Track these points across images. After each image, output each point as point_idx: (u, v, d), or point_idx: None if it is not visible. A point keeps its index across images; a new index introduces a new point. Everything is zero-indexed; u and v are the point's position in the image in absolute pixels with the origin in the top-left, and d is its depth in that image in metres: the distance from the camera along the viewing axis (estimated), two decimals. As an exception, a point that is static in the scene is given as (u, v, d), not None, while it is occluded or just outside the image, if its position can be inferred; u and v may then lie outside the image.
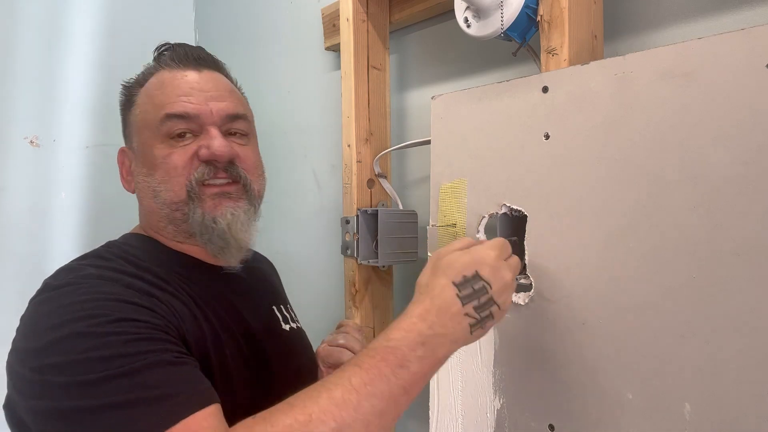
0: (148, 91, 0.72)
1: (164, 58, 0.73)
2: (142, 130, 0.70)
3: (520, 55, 0.74)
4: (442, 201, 0.73)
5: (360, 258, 0.92)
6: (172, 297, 0.63)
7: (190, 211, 0.68)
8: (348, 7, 0.93)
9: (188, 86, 0.70)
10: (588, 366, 0.59)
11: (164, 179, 0.68)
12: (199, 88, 0.70)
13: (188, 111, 0.68)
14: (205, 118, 0.69)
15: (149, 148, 0.69)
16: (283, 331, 0.78)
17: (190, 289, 0.67)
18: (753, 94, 0.48)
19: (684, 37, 0.67)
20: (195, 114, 0.68)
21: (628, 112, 0.56)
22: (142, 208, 0.74)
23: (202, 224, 0.68)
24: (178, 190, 0.68)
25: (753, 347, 0.48)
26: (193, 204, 0.68)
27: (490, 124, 0.67)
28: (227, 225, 0.68)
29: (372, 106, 0.96)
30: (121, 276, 0.61)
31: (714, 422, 0.50)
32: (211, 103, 0.70)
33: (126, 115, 0.74)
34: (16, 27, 1.35)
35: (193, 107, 0.68)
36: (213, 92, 0.71)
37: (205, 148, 0.68)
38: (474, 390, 0.69)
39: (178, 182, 0.68)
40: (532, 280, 0.63)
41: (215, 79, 0.73)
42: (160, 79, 0.72)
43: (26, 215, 1.36)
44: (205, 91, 0.70)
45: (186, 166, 0.68)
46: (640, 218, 0.55)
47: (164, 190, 0.68)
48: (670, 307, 0.53)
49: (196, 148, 0.68)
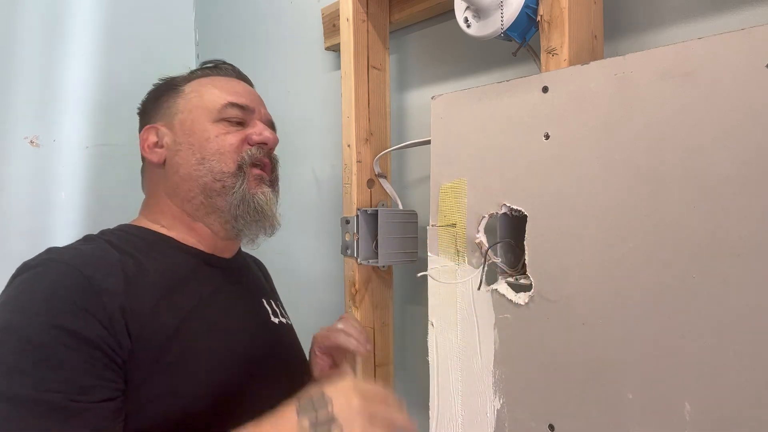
0: (204, 83, 0.80)
1: (213, 67, 0.84)
2: (195, 110, 0.78)
3: (520, 55, 0.74)
4: (442, 201, 0.73)
5: (360, 258, 0.92)
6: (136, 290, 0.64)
7: (236, 185, 0.76)
8: (348, 7, 0.93)
9: (243, 88, 0.82)
10: (588, 366, 0.59)
11: (218, 152, 0.75)
12: (251, 93, 0.83)
13: (248, 104, 0.79)
14: (257, 115, 0.81)
15: (202, 125, 0.77)
16: (272, 324, 0.82)
17: (170, 278, 0.70)
18: (753, 94, 0.48)
19: (684, 37, 0.67)
20: (251, 109, 0.80)
21: (628, 112, 0.56)
22: (167, 182, 0.78)
23: (243, 199, 0.76)
24: (231, 163, 0.76)
25: (753, 347, 0.48)
26: (239, 179, 0.76)
27: (490, 124, 0.67)
28: (265, 202, 0.78)
29: (372, 106, 0.96)
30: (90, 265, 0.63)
31: (714, 422, 0.50)
32: (260, 107, 0.83)
33: (165, 100, 0.80)
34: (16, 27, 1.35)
35: (250, 102, 0.80)
36: (260, 101, 0.84)
37: (256, 134, 0.78)
38: (474, 390, 0.69)
39: (231, 157, 0.76)
40: (532, 280, 0.63)
41: (258, 94, 0.86)
42: (214, 79, 0.82)
43: (26, 215, 1.36)
44: (255, 97, 0.83)
45: (239, 146, 0.77)
46: (640, 218, 0.55)
47: (216, 160, 0.75)
48: (671, 307, 0.53)
49: (246, 136, 0.78)
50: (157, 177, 0.79)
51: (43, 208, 1.38)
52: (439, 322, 0.74)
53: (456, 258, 0.72)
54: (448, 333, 0.73)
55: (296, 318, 0.95)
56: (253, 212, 0.77)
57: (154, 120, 0.81)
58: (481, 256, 0.69)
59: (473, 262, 0.70)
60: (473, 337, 0.70)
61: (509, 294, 0.66)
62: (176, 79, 0.83)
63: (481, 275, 0.69)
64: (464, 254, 0.71)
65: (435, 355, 0.74)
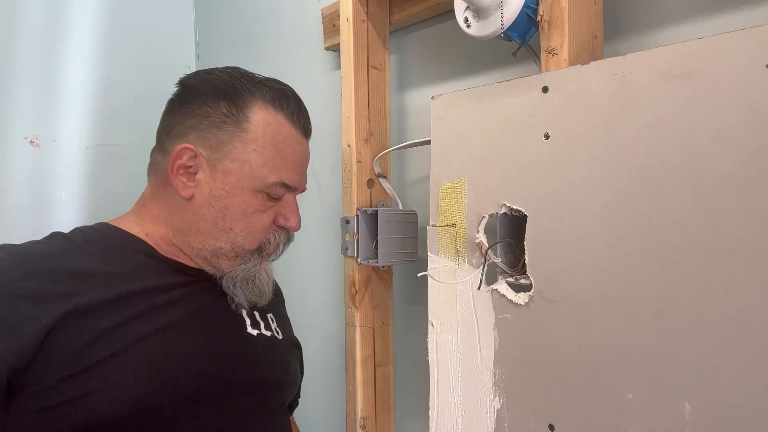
0: (267, 131, 0.72)
1: (286, 105, 0.75)
2: (246, 168, 0.71)
3: (520, 55, 0.74)
4: (442, 201, 0.73)
5: (360, 258, 0.92)
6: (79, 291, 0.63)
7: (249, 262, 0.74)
8: (348, 7, 0.93)
9: (303, 156, 0.77)
10: (588, 366, 0.59)
11: (247, 229, 0.73)
12: (306, 161, 0.78)
13: (297, 185, 0.76)
14: (297, 195, 0.79)
15: (245, 190, 0.72)
16: (246, 335, 0.77)
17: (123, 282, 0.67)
18: (753, 94, 0.48)
19: (684, 37, 0.66)
20: (296, 189, 0.77)
21: (628, 112, 0.56)
22: (182, 218, 0.73)
23: (250, 272, 0.75)
24: (255, 242, 0.74)
25: (753, 347, 0.48)
26: (254, 259, 0.75)
27: (490, 124, 0.67)
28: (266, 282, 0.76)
29: (372, 106, 0.96)
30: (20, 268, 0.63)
31: (714, 422, 0.50)
32: (305, 178, 0.79)
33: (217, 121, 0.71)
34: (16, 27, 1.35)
35: (300, 181, 0.77)
36: (307, 166, 0.79)
37: (284, 219, 0.76)
38: (474, 390, 0.69)
39: (257, 237, 0.74)
40: (532, 280, 0.63)
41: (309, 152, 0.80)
42: (283, 127, 0.74)
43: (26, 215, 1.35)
44: (306, 165, 0.79)
45: (268, 227, 0.75)
46: (640, 218, 0.55)
47: (242, 237, 0.73)
48: (670, 307, 0.53)
49: (276, 214, 0.76)
50: (171, 201, 0.74)
51: (43, 207, 1.38)
52: (439, 322, 0.74)
53: (456, 258, 0.72)
54: (448, 333, 0.73)
55: (296, 318, 0.95)
56: (252, 289, 0.75)
57: (197, 141, 0.71)
58: (481, 256, 0.69)
59: (473, 262, 0.70)
60: (473, 337, 0.70)
61: (509, 294, 0.66)
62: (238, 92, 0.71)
63: (481, 275, 0.69)
64: (464, 254, 0.71)
65: (435, 355, 0.74)
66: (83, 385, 0.60)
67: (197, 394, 0.67)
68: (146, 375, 0.64)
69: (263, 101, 0.73)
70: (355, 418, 0.93)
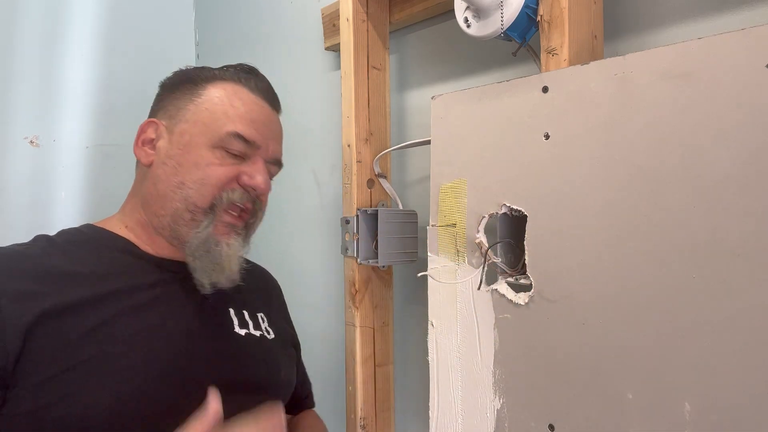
0: (224, 94, 0.73)
1: (247, 79, 0.76)
2: (199, 125, 0.72)
3: (520, 55, 0.74)
4: (442, 201, 0.73)
5: (360, 258, 0.92)
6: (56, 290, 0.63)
7: (201, 225, 0.70)
8: (348, 7, 0.93)
9: (263, 116, 0.75)
10: (588, 366, 0.59)
11: (201, 181, 0.70)
12: (269, 124, 0.76)
13: (255, 139, 0.72)
14: (261, 151, 0.74)
15: (198, 145, 0.71)
16: (234, 335, 0.75)
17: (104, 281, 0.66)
18: (753, 94, 0.48)
19: (684, 37, 0.66)
20: (257, 144, 0.73)
21: (628, 112, 0.56)
22: (144, 188, 0.74)
23: (204, 241, 0.70)
24: (207, 198, 0.70)
25: (753, 347, 0.48)
26: (207, 219, 0.70)
27: (490, 124, 0.67)
28: (227, 255, 0.71)
29: (372, 106, 0.95)
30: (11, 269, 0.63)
31: (714, 422, 0.50)
32: (270, 141, 0.75)
33: (179, 97, 0.74)
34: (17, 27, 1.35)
35: (259, 139, 0.73)
36: (274, 134, 0.77)
37: (248, 177, 0.72)
38: (474, 390, 0.69)
39: (210, 191, 0.70)
40: (532, 280, 0.63)
41: (278, 123, 0.79)
42: (239, 92, 0.74)
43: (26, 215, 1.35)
44: (271, 129, 0.76)
45: (225, 182, 0.71)
46: (640, 218, 0.55)
47: (194, 190, 0.70)
48: (670, 307, 0.53)
49: (239, 172, 0.72)
50: (140, 177, 0.76)
51: (43, 207, 1.38)
52: (439, 322, 0.74)
53: (456, 258, 0.72)
54: (448, 333, 0.73)
55: (296, 318, 0.95)
56: (209, 261, 0.71)
57: (160, 115, 0.75)
58: (481, 256, 0.69)
59: (473, 262, 0.70)
60: (473, 337, 0.70)
61: (509, 294, 0.66)
62: (201, 74, 0.76)
63: (481, 275, 0.69)
64: (464, 254, 0.71)
65: (435, 355, 0.74)
66: (61, 388, 0.59)
67: (180, 397, 0.65)
68: (125, 378, 0.62)
69: (224, 78, 0.76)
70: (355, 418, 0.93)
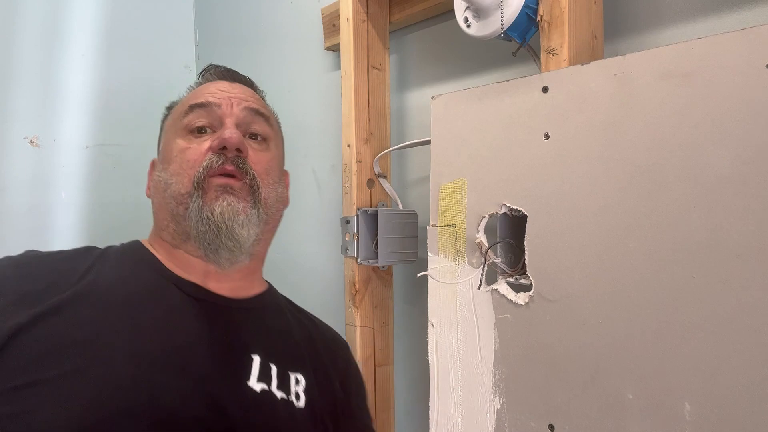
0: (186, 97, 0.75)
1: (201, 75, 0.78)
2: (168, 130, 0.73)
3: (520, 55, 0.74)
4: (442, 201, 0.73)
5: (360, 258, 0.92)
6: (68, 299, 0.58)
7: (192, 202, 0.64)
8: (348, 7, 0.93)
9: (215, 87, 0.72)
10: (588, 366, 0.59)
11: (177, 171, 0.67)
12: (228, 92, 0.72)
13: (210, 101, 0.69)
14: (225, 108, 0.69)
15: (169, 143, 0.70)
16: (246, 388, 0.61)
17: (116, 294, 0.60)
18: (753, 94, 0.48)
19: (684, 37, 0.66)
20: (215, 103, 0.69)
21: (628, 112, 0.56)
22: (153, 210, 0.73)
23: (199, 216, 0.63)
24: (187, 182, 0.66)
25: (753, 347, 0.48)
26: (196, 194, 0.64)
27: (490, 124, 0.67)
28: (221, 214, 0.63)
29: (372, 106, 0.96)
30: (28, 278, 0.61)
31: (714, 422, 0.50)
32: (234, 99, 0.71)
33: (161, 127, 0.77)
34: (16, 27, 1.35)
35: (215, 98, 0.70)
36: (238, 94, 0.73)
37: (216, 138, 0.67)
38: (474, 390, 0.69)
39: (188, 175, 0.66)
40: (532, 280, 0.63)
41: (245, 89, 0.75)
42: (197, 89, 0.75)
43: (26, 215, 1.36)
44: (231, 90, 0.73)
45: (198, 158, 0.66)
46: (640, 218, 0.55)
47: (174, 183, 0.67)
48: (670, 307, 0.53)
49: (210, 140, 0.68)
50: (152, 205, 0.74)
51: (43, 208, 1.38)
52: (439, 322, 0.74)
53: (456, 258, 0.72)
54: (448, 333, 0.73)
55: (296, 318, 0.95)
56: (208, 229, 0.63)
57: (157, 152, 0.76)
58: (481, 256, 0.69)
59: (473, 262, 0.70)
60: (473, 337, 0.70)
61: (509, 294, 0.66)
62: (172, 105, 0.78)
63: (481, 275, 0.69)
64: (464, 254, 0.71)
65: (435, 355, 0.74)
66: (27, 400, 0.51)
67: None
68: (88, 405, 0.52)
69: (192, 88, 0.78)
70: (355, 418, 0.93)
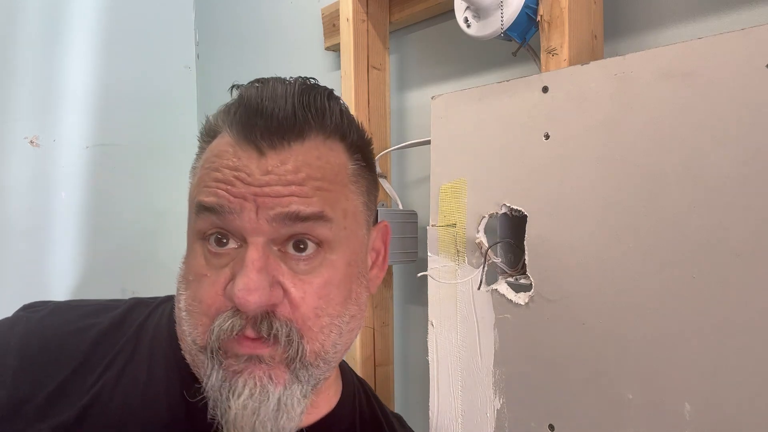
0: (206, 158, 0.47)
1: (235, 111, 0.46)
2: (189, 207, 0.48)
3: (520, 55, 0.74)
4: (442, 201, 0.73)
5: (360, 258, 0.91)
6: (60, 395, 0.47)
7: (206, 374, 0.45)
8: (348, 7, 0.93)
9: (233, 174, 0.43)
10: (588, 366, 0.59)
11: (189, 309, 0.46)
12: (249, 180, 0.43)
13: (222, 205, 0.43)
14: (246, 221, 0.42)
15: (189, 245, 0.48)
16: None
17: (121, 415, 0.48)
18: (753, 94, 0.48)
19: (684, 37, 0.66)
20: (230, 210, 0.42)
21: (628, 112, 0.56)
22: None
23: (219, 393, 0.44)
24: (201, 333, 0.45)
25: (753, 347, 0.48)
26: (211, 365, 0.44)
27: (490, 124, 0.67)
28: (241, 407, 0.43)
29: (372, 106, 0.95)
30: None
31: (714, 422, 0.50)
32: (259, 199, 0.42)
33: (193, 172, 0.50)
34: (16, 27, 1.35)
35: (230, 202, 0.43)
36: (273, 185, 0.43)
37: (231, 283, 0.43)
38: (474, 390, 0.69)
39: (202, 323, 0.45)
40: (532, 280, 0.63)
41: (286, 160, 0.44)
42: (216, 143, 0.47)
43: (26, 215, 1.36)
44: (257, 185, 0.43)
45: (213, 304, 0.44)
46: (640, 218, 0.55)
47: (188, 325, 0.46)
48: (670, 307, 0.53)
49: (231, 275, 0.43)
50: None
51: (43, 208, 1.38)
52: (439, 322, 0.74)
53: (456, 258, 0.72)
54: (448, 333, 0.73)
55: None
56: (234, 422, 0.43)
57: None
58: (481, 256, 0.69)
59: (473, 262, 0.70)
60: (473, 337, 0.70)
61: (509, 294, 0.66)
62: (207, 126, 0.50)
63: (481, 275, 0.69)
64: (464, 254, 0.71)
65: (435, 355, 0.74)
66: None
67: None
68: None
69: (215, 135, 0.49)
70: (355, 418, 0.93)
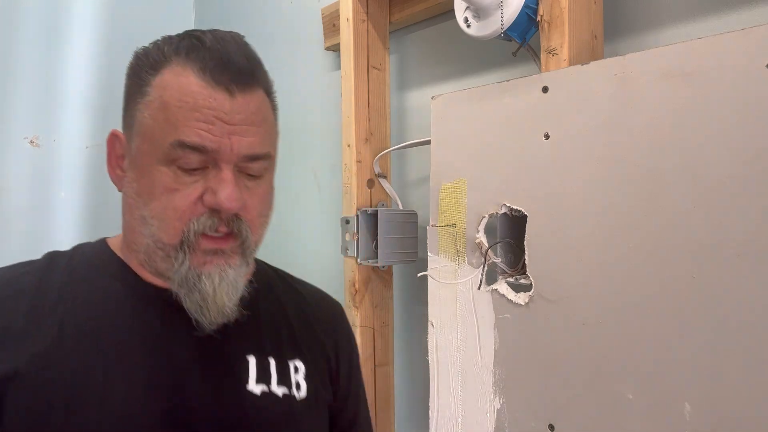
0: (165, 91, 0.57)
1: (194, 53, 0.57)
2: (146, 138, 0.58)
3: (520, 55, 0.74)
4: (442, 201, 0.73)
5: (360, 258, 0.92)
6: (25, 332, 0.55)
7: (177, 261, 0.57)
8: (348, 7, 0.93)
9: (213, 113, 0.56)
10: (588, 366, 0.59)
11: (160, 216, 0.57)
12: (227, 118, 0.56)
13: (206, 145, 0.55)
14: (223, 154, 0.56)
15: (150, 166, 0.57)
16: (245, 394, 0.60)
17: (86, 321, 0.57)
18: (753, 94, 0.48)
19: (684, 37, 0.66)
20: (213, 149, 0.56)
21: (628, 112, 0.56)
22: (123, 216, 0.63)
23: (185, 278, 0.58)
24: (173, 234, 0.57)
25: (753, 347, 0.48)
26: (182, 254, 0.57)
27: (490, 124, 0.67)
28: (213, 288, 0.57)
29: (372, 106, 0.96)
30: None
31: (714, 422, 0.50)
32: (234, 137, 0.56)
33: (131, 100, 0.60)
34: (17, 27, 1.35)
35: (212, 141, 0.56)
36: (240, 124, 0.57)
37: (212, 194, 0.56)
38: (474, 390, 0.69)
39: (174, 226, 0.57)
40: (532, 280, 0.63)
41: (248, 103, 0.58)
42: (181, 82, 0.57)
43: (26, 215, 1.36)
44: (231, 123, 0.57)
45: (188, 210, 0.56)
46: (640, 218, 0.55)
47: (157, 228, 0.57)
48: (670, 307, 0.53)
49: (203, 191, 0.57)
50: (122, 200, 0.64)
51: (43, 208, 1.38)
52: (439, 322, 0.74)
53: (456, 258, 0.72)
54: (448, 333, 0.73)
55: (296, 318, 0.95)
56: (197, 298, 0.58)
57: (122, 123, 0.62)
58: (481, 256, 0.69)
59: (473, 262, 0.70)
60: (473, 337, 0.70)
61: (509, 294, 0.66)
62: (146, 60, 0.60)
63: (481, 275, 0.69)
64: (464, 254, 0.71)
65: (435, 355, 0.74)
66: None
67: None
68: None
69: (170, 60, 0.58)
70: (355, 418, 0.93)
